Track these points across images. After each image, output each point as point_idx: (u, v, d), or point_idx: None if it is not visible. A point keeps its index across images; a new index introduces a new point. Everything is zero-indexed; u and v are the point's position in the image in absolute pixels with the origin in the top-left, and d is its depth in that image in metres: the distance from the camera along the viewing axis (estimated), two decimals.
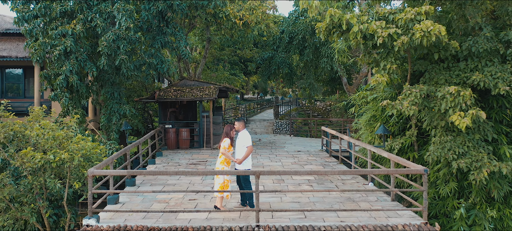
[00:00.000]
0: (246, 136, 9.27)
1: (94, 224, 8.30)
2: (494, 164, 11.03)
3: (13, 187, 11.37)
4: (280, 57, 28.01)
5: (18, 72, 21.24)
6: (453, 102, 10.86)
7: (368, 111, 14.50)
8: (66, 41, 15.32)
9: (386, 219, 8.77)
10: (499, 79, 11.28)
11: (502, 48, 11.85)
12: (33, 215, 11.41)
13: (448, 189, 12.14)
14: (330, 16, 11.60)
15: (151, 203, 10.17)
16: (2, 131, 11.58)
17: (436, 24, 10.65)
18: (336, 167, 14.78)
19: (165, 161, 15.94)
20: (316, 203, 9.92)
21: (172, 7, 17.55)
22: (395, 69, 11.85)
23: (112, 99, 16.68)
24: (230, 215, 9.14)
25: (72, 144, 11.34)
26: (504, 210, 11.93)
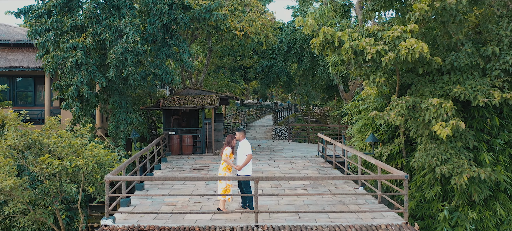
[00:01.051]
0: (246, 145, 10.28)
1: (111, 224, 9.30)
2: (473, 170, 12.02)
3: (32, 191, 12.35)
4: (278, 66, 29.07)
5: (29, 81, 22.23)
6: (436, 113, 11.86)
7: (360, 120, 15.52)
8: (77, 53, 16.35)
9: (372, 219, 9.77)
10: (478, 91, 12.29)
11: (482, 63, 12.89)
12: (51, 217, 12.40)
13: (433, 193, 13.15)
14: (323, 34, 12.64)
15: (160, 205, 11.17)
16: (21, 139, 12.57)
17: (419, 42, 11.68)
18: (330, 172, 15.77)
19: (170, 166, 16.93)
20: (309, 205, 10.93)
21: (176, 20, 18.59)
22: (384, 82, 12.87)
23: (119, 107, 17.69)
24: (232, 216, 10.14)
25: (86, 152, 12.33)
26: (484, 212, 12.91)
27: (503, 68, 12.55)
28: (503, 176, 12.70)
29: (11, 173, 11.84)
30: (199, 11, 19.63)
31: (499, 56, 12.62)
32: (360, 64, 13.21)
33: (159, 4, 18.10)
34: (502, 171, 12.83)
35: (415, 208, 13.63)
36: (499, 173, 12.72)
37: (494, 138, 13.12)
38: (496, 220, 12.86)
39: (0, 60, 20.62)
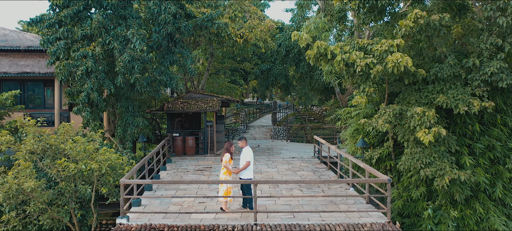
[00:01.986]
0: (247, 152, 11.40)
1: (125, 223, 10.42)
2: (454, 172, 13.13)
3: (49, 192, 13.45)
4: (277, 69, 30.17)
5: (39, 85, 23.30)
6: (420, 120, 12.97)
7: (352, 124, 16.62)
8: (87, 61, 17.43)
9: (359, 218, 10.90)
10: (459, 100, 13.40)
11: (464, 73, 13.99)
12: (67, 216, 13.52)
13: (418, 193, 14.27)
14: (317, 47, 13.73)
15: (168, 205, 12.29)
16: (39, 144, 13.66)
17: (405, 56, 12.77)
18: (325, 173, 16.88)
19: (175, 167, 18.05)
20: (303, 205, 12.05)
21: (179, 29, 19.66)
22: (373, 91, 14.00)
23: (127, 112, 18.78)
24: (234, 215, 11.26)
25: (99, 156, 13.43)
26: (465, 211, 14.03)
27: (483, 79, 13.63)
28: (483, 178, 13.82)
29: (31, 175, 12.95)
30: (201, 19, 20.69)
31: (479, 68, 13.70)
32: (351, 75, 14.28)
33: (164, 14, 19.15)
34: (482, 173, 13.95)
35: (402, 206, 14.75)
36: (479, 175, 13.85)
37: (475, 143, 14.24)
38: (476, 218, 13.96)
39: (12, 66, 21.67)
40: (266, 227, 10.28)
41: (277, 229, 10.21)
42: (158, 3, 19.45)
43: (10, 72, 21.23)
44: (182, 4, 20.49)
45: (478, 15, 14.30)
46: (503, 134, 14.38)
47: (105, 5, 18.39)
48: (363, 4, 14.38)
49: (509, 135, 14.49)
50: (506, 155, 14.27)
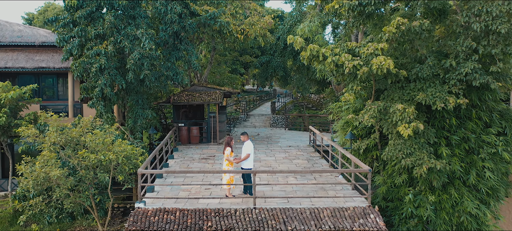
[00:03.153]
0: (248, 146, 13.08)
1: (143, 207, 12.13)
2: (431, 161, 14.77)
3: (72, 179, 15.15)
4: (276, 61, 31.70)
5: (53, 78, 24.88)
6: (401, 116, 14.59)
7: (343, 117, 18.24)
8: (101, 59, 18.99)
9: (344, 203, 12.61)
10: (437, 98, 14.98)
11: (442, 73, 15.56)
12: (88, 200, 15.25)
13: (401, 180, 15.95)
14: (310, 50, 15.29)
15: (177, 191, 14.00)
16: (62, 137, 15.33)
17: (387, 59, 14.33)
18: (318, 161, 18.57)
19: (182, 155, 19.74)
20: (297, 191, 13.76)
21: (185, 28, 21.18)
22: (360, 89, 15.59)
23: (137, 105, 20.41)
24: (236, 200, 12.97)
25: (116, 147, 15.09)
26: (442, 196, 15.71)
27: (459, 78, 15.18)
28: (458, 166, 15.47)
29: (56, 165, 14.64)
30: (205, 17, 22.18)
31: (456, 68, 15.26)
32: (341, 74, 15.84)
33: (170, 14, 20.66)
34: (458, 162, 15.60)
35: (386, 192, 16.46)
36: (454, 164, 15.50)
37: (452, 135, 15.87)
38: (452, 202, 15.65)
39: (28, 61, 23.24)
40: (263, 211, 11.99)
41: (273, 212, 11.93)
42: (165, 3, 20.96)
43: (27, 67, 22.81)
44: (186, 3, 21.95)
45: (456, 20, 15.78)
46: (477, 127, 16.00)
47: (116, 6, 19.85)
48: (352, 10, 15.87)
49: (483, 128, 16.09)
50: (480, 146, 15.88)
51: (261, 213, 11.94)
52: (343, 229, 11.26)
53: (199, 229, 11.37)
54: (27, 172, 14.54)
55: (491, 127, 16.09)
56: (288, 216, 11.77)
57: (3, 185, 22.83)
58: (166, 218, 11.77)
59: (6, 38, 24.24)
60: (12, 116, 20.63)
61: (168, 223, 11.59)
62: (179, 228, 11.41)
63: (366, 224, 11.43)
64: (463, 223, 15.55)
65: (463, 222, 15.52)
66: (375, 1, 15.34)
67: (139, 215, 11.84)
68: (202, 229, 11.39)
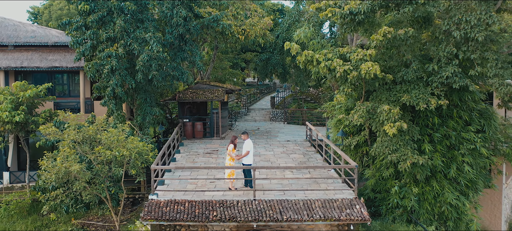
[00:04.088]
0: (248, 144, 14.66)
1: (156, 199, 13.74)
2: (415, 157, 16.32)
3: (89, 173, 16.73)
4: (275, 59, 33.17)
5: (65, 76, 26.41)
6: (387, 116, 16.12)
7: (336, 115, 19.78)
8: (112, 61, 20.46)
9: (334, 195, 14.20)
10: (420, 99, 16.49)
11: (426, 76, 17.06)
12: (104, 192, 16.87)
13: (388, 173, 17.53)
14: (305, 55, 16.79)
15: (185, 184, 15.59)
16: (80, 134, 16.88)
17: (375, 65, 15.83)
18: (313, 156, 20.12)
19: (187, 150, 21.32)
20: (292, 184, 15.34)
21: (189, 30, 22.64)
22: (350, 91, 17.11)
23: (145, 103, 21.93)
24: (237, 193, 14.57)
25: (129, 144, 16.65)
26: (425, 188, 17.29)
27: (441, 81, 16.69)
28: (439, 161, 17.05)
29: (75, 160, 16.21)
30: (208, 20, 23.63)
31: (437, 72, 16.76)
32: (333, 77, 17.36)
33: (176, 17, 22.10)
34: (439, 157, 17.17)
35: (374, 184, 18.06)
36: (436, 158, 17.07)
37: (435, 133, 17.42)
38: (434, 193, 17.23)
39: (42, 60, 24.75)
40: (262, 202, 13.59)
41: (271, 203, 13.53)
42: (171, 7, 22.42)
43: (41, 67, 24.32)
44: (191, 6, 23.38)
45: (439, 27, 17.23)
46: (458, 125, 17.54)
47: (126, 10, 21.26)
48: (343, 18, 17.31)
49: (463, 126, 17.63)
50: (460, 142, 17.43)
51: (260, 204, 13.54)
52: (331, 218, 12.86)
53: (206, 218, 12.98)
54: (49, 166, 16.11)
55: (471, 125, 17.65)
56: (284, 207, 13.38)
57: (20, 177, 24.44)
58: (177, 208, 13.38)
59: (21, 38, 25.71)
60: (29, 113, 22.18)
61: (178, 213, 13.20)
62: (188, 217, 13.02)
63: (352, 213, 13.03)
64: (444, 213, 17.16)
65: (444, 212, 17.13)
66: (364, 11, 16.77)
67: (153, 206, 13.45)
68: (208, 218, 13.00)
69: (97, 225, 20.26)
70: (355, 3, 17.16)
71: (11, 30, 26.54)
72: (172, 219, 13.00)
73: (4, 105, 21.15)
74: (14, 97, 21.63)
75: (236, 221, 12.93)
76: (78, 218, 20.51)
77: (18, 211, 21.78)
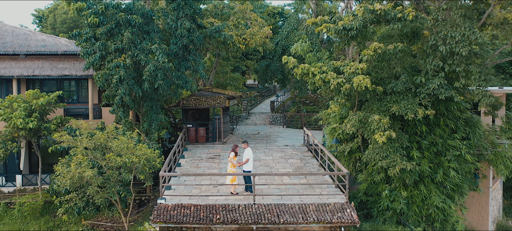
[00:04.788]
0: (247, 152, 15.92)
1: (164, 203, 15.02)
2: (403, 163, 17.56)
3: (100, 178, 17.99)
4: (275, 65, 34.46)
5: (74, 83, 27.68)
6: (377, 125, 17.36)
7: (331, 123, 21.04)
8: (120, 71, 21.71)
9: (327, 199, 15.46)
10: (408, 109, 17.73)
11: (414, 88, 18.31)
12: (114, 195, 18.15)
13: (379, 178, 18.78)
14: (301, 68, 18.04)
15: (190, 189, 16.86)
16: (92, 142, 18.15)
17: (366, 78, 17.06)
18: (309, 161, 21.37)
19: (191, 155, 22.58)
20: (289, 189, 16.61)
21: (193, 41, 23.90)
22: (344, 102, 18.36)
23: (151, 110, 23.19)
24: (239, 197, 15.83)
25: (138, 151, 17.91)
26: (413, 191, 18.54)
27: (428, 92, 17.93)
28: (427, 167, 18.29)
29: (88, 166, 17.48)
30: (211, 30, 24.88)
31: (425, 84, 18.00)
32: (328, 88, 18.60)
33: (180, 29, 23.36)
34: (427, 163, 18.41)
35: (367, 188, 19.31)
36: (424, 164, 18.32)
37: (422, 140, 18.67)
38: (422, 197, 18.47)
39: (53, 69, 26.01)
40: (261, 206, 14.87)
41: (269, 207, 14.81)
42: (175, 19, 23.68)
43: (52, 75, 25.59)
44: (194, 18, 24.63)
45: (427, 42, 18.46)
46: (444, 133, 18.80)
47: (133, 23, 22.51)
48: (338, 33, 18.54)
49: (449, 134, 18.88)
50: (446, 149, 18.68)
51: (259, 208, 14.81)
52: (324, 221, 14.12)
53: (210, 221, 14.25)
54: (64, 172, 17.39)
55: (457, 133, 18.91)
56: (281, 211, 14.65)
57: (32, 179, 25.71)
58: (183, 212, 14.66)
59: (32, 47, 26.97)
60: (41, 119, 23.45)
61: (185, 216, 14.47)
62: (194, 220, 14.29)
63: (343, 217, 14.30)
64: (431, 215, 18.41)
65: (431, 214, 18.38)
66: (357, 27, 18.00)
67: (161, 210, 14.72)
68: (212, 221, 14.27)
69: (106, 226, 21.54)
70: (348, 19, 18.41)
71: (22, 39, 27.79)
72: (179, 221, 14.27)
73: (18, 112, 22.40)
74: (27, 104, 22.88)
75: (238, 224, 14.21)
76: (88, 219, 21.79)
77: (31, 212, 23.05)
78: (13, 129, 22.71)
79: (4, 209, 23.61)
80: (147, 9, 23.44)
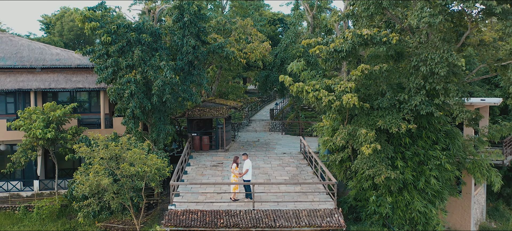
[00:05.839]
0: (247, 163, 17.93)
1: (174, 208, 17.02)
2: (388, 172, 19.51)
3: (116, 185, 19.98)
4: (274, 76, 36.44)
5: (86, 94, 29.70)
6: (364, 138, 19.31)
7: (324, 134, 23.03)
8: (131, 86, 23.71)
9: (318, 205, 17.45)
10: (393, 123, 19.67)
11: (398, 104, 20.27)
12: (128, 200, 20.17)
13: (367, 185, 20.73)
14: (297, 87, 20.01)
15: (197, 195, 18.86)
16: (108, 152, 20.15)
17: (354, 96, 19.01)
18: (305, 168, 23.36)
19: (196, 162, 24.59)
20: (285, 196, 18.60)
21: (198, 57, 25.91)
22: (335, 116, 20.32)
23: (159, 121, 25.21)
24: (240, 203, 17.83)
25: (149, 161, 19.91)
26: (398, 197, 20.50)
27: (410, 108, 19.88)
28: (410, 175, 20.24)
29: (105, 175, 19.49)
30: (214, 46, 26.89)
31: (408, 100, 19.95)
32: (320, 104, 20.53)
33: (186, 46, 25.37)
34: (410, 171, 20.37)
35: (356, 194, 21.30)
36: (407, 173, 20.27)
37: (406, 151, 20.64)
38: (405, 202, 20.40)
39: (67, 82, 28.03)
40: (260, 211, 16.87)
41: (267, 212, 16.81)
42: (181, 37, 25.69)
43: (67, 88, 27.60)
44: (199, 35, 26.62)
45: (410, 62, 20.41)
46: (426, 144, 20.76)
47: (142, 42, 24.53)
48: (329, 54, 20.48)
49: (431, 145, 20.83)
50: (428, 159, 20.63)
51: (258, 213, 16.81)
52: (315, 225, 16.12)
53: (214, 225, 16.26)
54: (83, 179, 19.41)
55: (437, 144, 20.87)
56: (277, 216, 16.65)
57: (48, 184, 27.73)
58: (191, 217, 16.67)
59: (47, 61, 28.99)
60: (57, 129, 25.47)
61: (192, 220, 16.48)
62: (200, 224, 16.30)
63: (331, 221, 16.30)
64: (414, 218, 20.35)
65: (414, 217, 20.32)
66: (346, 49, 19.94)
67: (172, 215, 16.74)
68: (217, 225, 16.28)
69: (118, 228, 23.55)
70: (339, 41, 20.36)
71: (38, 53, 29.81)
72: (188, 225, 16.28)
73: (37, 123, 24.42)
74: (45, 116, 24.89)
75: (239, 227, 16.22)
76: (101, 222, 23.79)
77: (49, 215, 25.06)
78: (32, 138, 24.72)
79: (23, 212, 25.62)
80: (155, 27, 25.45)
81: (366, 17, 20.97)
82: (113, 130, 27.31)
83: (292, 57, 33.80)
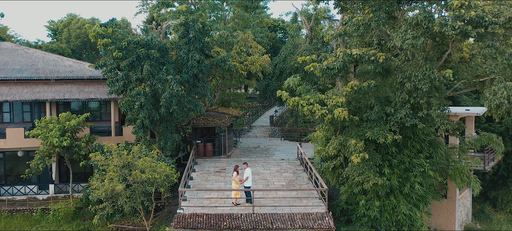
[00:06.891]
0: (247, 171, 19.95)
1: (182, 212, 19.04)
2: (376, 179, 21.47)
3: (128, 191, 21.98)
4: (273, 86, 38.48)
5: (96, 104, 31.74)
6: (354, 148, 21.28)
7: (318, 143, 25.03)
8: (140, 98, 25.75)
9: (311, 209, 19.46)
10: (380, 135, 21.62)
11: (385, 116, 22.26)
12: (139, 204, 22.19)
13: (357, 190, 22.70)
14: (293, 101, 22.02)
15: (202, 200, 20.88)
16: (121, 160, 22.16)
17: (344, 110, 20.98)
18: (301, 175, 25.37)
19: (201, 168, 26.61)
20: (282, 200, 20.61)
21: (202, 70, 27.95)
22: (328, 128, 22.31)
23: (167, 130, 27.24)
24: (241, 207, 19.84)
25: (158, 168, 21.92)
26: (385, 201, 22.46)
27: (396, 120, 21.83)
28: (396, 181, 22.21)
29: (119, 181, 21.50)
30: (217, 60, 28.93)
31: (394, 113, 21.92)
32: (314, 117, 22.52)
33: (191, 60, 27.41)
34: (396, 178, 22.33)
35: (347, 198, 23.27)
36: (393, 179, 22.24)
37: (393, 159, 22.61)
38: (392, 206, 22.35)
39: (80, 92, 30.07)
40: (259, 215, 18.88)
41: (265, 216, 18.83)
42: (186, 52, 27.74)
43: (80, 98, 29.63)
44: (203, 50, 28.65)
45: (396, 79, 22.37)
46: (411, 153, 22.71)
47: (151, 57, 26.56)
48: (323, 71, 22.46)
49: (415, 153, 22.77)
50: (413, 166, 22.56)
51: (257, 217, 18.82)
52: (307, 227, 18.13)
53: (218, 227, 18.28)
54: (98, 185, 21.43)
55: (422, 152, 22.81)
56: (274, 219, 18.67)
57: (62, 188, 29.79)
58: (197, 220, 18.69)
59: (61, 73, 31.05)
60: (72, 137, 27.51)
61: (199, 223, 18.51)
62: (206, 226, 18.33)
63: (322, 224, 18.32)
64: (400, 221, 22.30)
65: (400, 220, 22.27)
66: (338, 67, 21.93)
67: (180, 218, 18.77)
68: (220, 227, 18.30)
69: (129, 229, 25.59)
70: (332, 59, 22.35)
71: (52, 65, 31.88)
72: (195, 227, 18.30)
73: (54, 132, 26.48)
74: (61, 125, 26.94)
75: (240, 229, 18.23)
76: (113, 223, 25.82)
77: (64, 216, 27.11)
78: (49, 146, 26.77)
79: (40, 214, 27.67)
80: (162, 43, 27.49)
81: (356, 36, 22.97)
82: (123, 137, 29.34)
83: (290, 68, 35.84)
